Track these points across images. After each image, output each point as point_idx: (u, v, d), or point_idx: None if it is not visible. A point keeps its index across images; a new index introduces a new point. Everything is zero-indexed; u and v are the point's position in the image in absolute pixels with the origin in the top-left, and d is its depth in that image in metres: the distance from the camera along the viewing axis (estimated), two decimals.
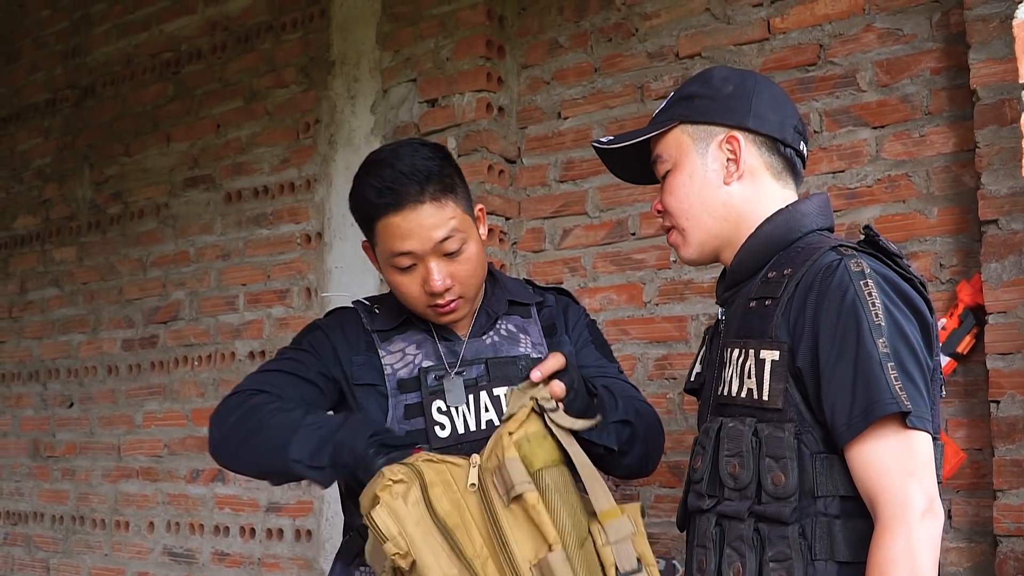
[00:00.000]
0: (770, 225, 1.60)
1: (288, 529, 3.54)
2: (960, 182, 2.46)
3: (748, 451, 1.50)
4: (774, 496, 1.47)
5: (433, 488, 1.56)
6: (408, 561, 1.51)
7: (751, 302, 1.56)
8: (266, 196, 3.74)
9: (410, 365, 1.85)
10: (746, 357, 1.54)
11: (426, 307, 1.82)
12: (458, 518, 1.55)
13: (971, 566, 2.36)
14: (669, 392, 2.85)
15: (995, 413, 2.29)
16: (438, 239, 1.76)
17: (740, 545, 1.49)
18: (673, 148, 1.67)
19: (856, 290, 1.44)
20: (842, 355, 1.43)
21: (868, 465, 1.41)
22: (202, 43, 4.03)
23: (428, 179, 1.75)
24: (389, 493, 1.55)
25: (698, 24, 2.90)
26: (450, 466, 1.60)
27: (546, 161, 3.15)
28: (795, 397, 1.48)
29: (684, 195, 1.65)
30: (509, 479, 1.55)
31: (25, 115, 4.72)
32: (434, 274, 1.77)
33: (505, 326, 1.92)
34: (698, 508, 1.59)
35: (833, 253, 1.50)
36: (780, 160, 1.64)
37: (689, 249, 1.69)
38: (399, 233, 1.75)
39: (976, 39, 2.37)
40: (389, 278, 1.83)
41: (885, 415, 1.38)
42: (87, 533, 4.20)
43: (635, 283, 2.95)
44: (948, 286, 2.45)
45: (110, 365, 4.20)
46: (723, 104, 1.64)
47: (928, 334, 1.49)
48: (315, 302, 3.55)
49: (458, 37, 3.23)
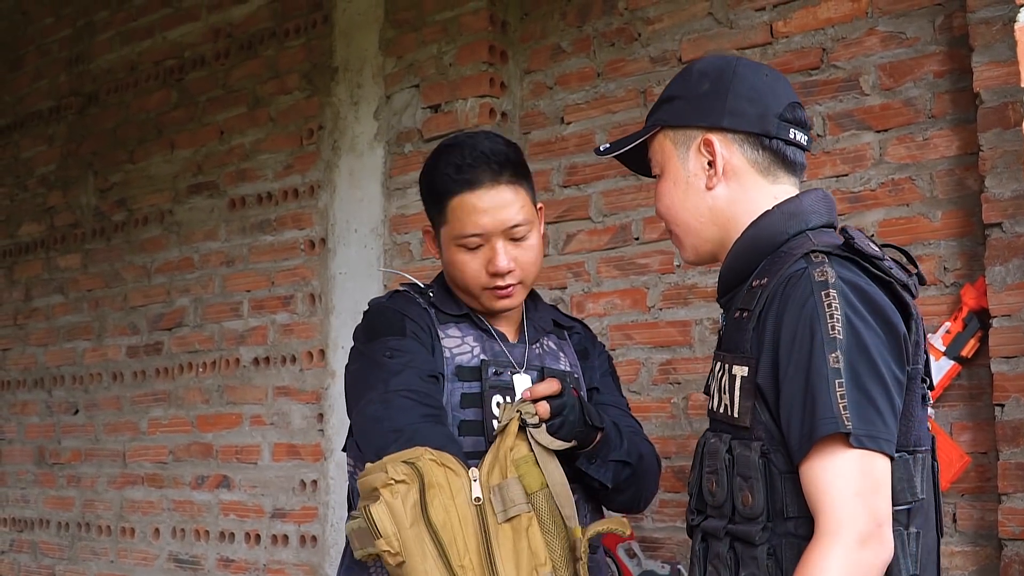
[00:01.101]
0: (755, 228, 1.53)
1: (293, 535, 3.54)
2: (964, 185, 2.46)
3: (722, 469, 1.45)
4: (744, 516, 1.42)
5: (431, 490, 1.56)
6: (397, 560, 1.52)
7: (736, 312, 1.51)
8: (270, 202, 3.75)
9: (468, 354, 1.85)
10: (723, 372, 1.49)
11: (483, 289, 1.84)
12: (450, 527, 1.56)
13: (976, 570, 2.35)
14: (673, 397, 2.85)
15: (999, 417, 2.29)
16: (510, 222, 1.81)
17: (718, 563, 1.46)
18: (659, 154, 1.63)
19: (815, 301, 1.36)
20: (796, 371, 1.36)
21: (813, 485, 1.34)
22: (205, 50, 4.04)
23: (505, 163, 1.82)
24: (390, 492, 1.55)
25: (701, 28, 2.90)
26: (448, 472, 1.60)
27: (549, 166, 3.16)
28: (762, 415, 1.41)
29: (671, 202, 1.62)
30: (509, 499, 1.58)
31: (29, 123, 4.73)
32: (500, 255, 1.81)
33: (546, 343, 1.96)
34: (689, 522, 1.57)
35: (802, 261, 1.43)
36: (766, 155, 1.55)
37: (686, 253, 1.66)
38: (474, 211, 1.80)
39: (979, 42, 2.37)
40: (452, 257, 1.85)
41: (826, 435, 1.31)
42: (93, 540, 4.20)
43: (639, 288, 2.95)
44: (952, 289, 2.45)
45: (115, 372, 4.21)
46: (697, 105, 1.57)
47: (899, 346, 1.40)
48: (319, 308, 3.55)
49: (461, 43, 3.23)
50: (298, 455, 3.54)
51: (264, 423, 3.68)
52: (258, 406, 3.70)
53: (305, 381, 3.57)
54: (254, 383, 3.73)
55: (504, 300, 1.86)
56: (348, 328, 3.16)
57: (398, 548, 1.52)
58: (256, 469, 3.68)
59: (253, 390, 3.73)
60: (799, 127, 1.57)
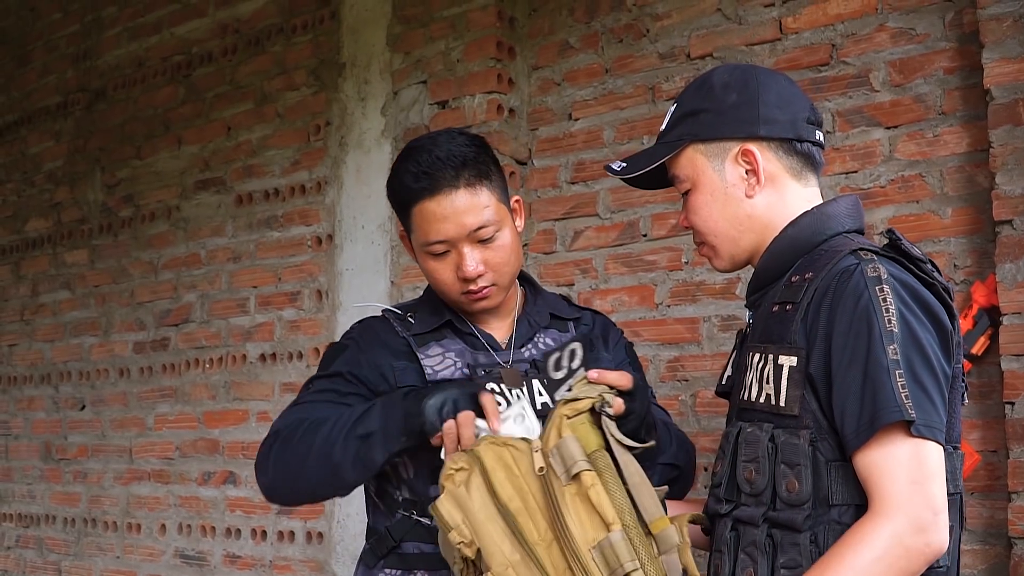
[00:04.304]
0: (794, 228, 1.58)
1: (299, 531, 3.54)
2: (974, 182, 2.45)
3: (764, 457, 1.48)
4: (788, 503, 1.45)
5: (495, 473, 1.55)
6: (473, 549, 1.52)
7: (774, 306, 1.54)
8: (277, 198, 3.75)
9: (451, 368, 1.84)
10: (766, 362, 1.52)
11: (459, 294, 1.83)
12: (520, 503, 1.54)
13: (985, 568, 2.35)
14: (681, 394, 2.84)
15: (1010, 414, 2.28)
16: (472, 226, 1.78)
17: (753, 550, 1.48)
18: (688, 168, 1.65)
19: (870, 295, 1.41)
20: (852, 361, 1.41)
21: (872, 471, 1.39)
22: (213, 46, 4.04)
23: (464, 165, 1.78)
24: (452, 482, 1.56)
25: (710, 24, 2.89)
26: (511, 449, 1.58)
27: (557, 163, 3.15)
28: (811, 404, 1.45)
29: (708, 215, 1.63)
30: (569, 456, 1.54)
31: (36, 118, 4.73)
32: (467, 259, 1.79)
33: (543, 339, 1.92)
34: (716, 512, 1.58)
35: (852, 257, 1.48)
36: (798, 159, 1.61)
37: (722, 263, 1.68)
38: (434, 218, 1.78)
39: (989, 38, 2.36)
40: (424, 265, 1.85)
41: (889, 423, 1.36)
42: (99, 536, 4.20)
43: (647, 284, 2.94)
44: (962, 287, 2.44)
45: (121, 368, 4.21)
46: (730, 117, 1.60)
47: (947, 342, 1.46)
48: (326, 304, 3.55)
49: (468, 39, 3.23)
50: None
51: (271, 419, 3.65)
52: (265, 402, 3.70)
53: None
54: (261, 379, 3.73)
55: (480, 303, 1.84)
56: None
57: (470, 536, 1.52)
58: None
59: (260, 386, 3.72)
60: (820, 127, 1.64)
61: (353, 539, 3.30)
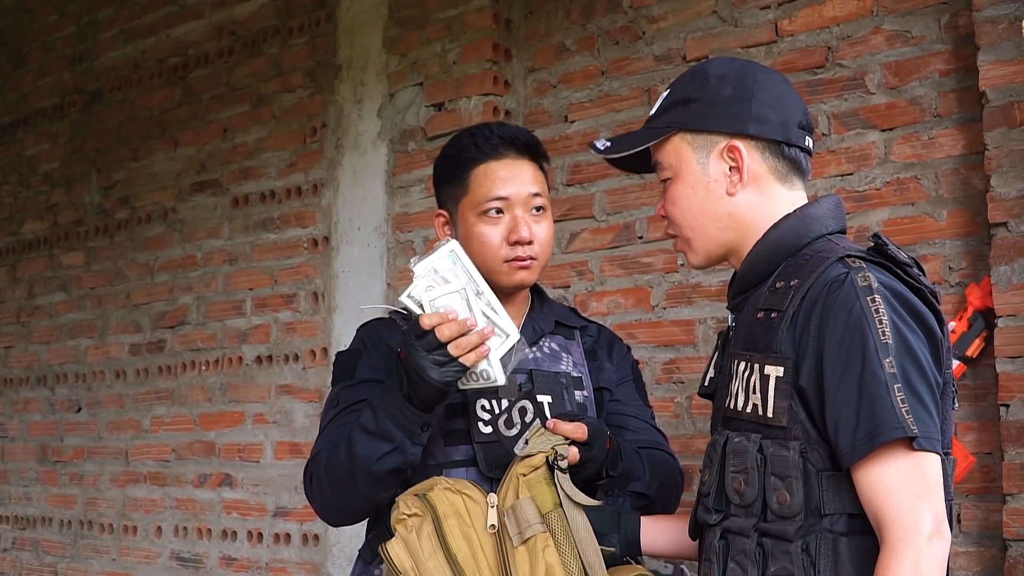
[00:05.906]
0: (777, 231, 1.54)
1: (295, 534, 3.54)
2: (969, 184, 2.45)
3: (753, 468, 1.45)
4: (779, 515, 1.43)
5: (447, 520, 1.57)
6: None
7: (759, 312, 1.51)
8: (273, 200, 3.74)
9: None
10: (751, 371, 1.49)
11: (503, 261, 1.85)
12: (470, 555, 1.56)
13: (980, 570, 2.35)
14: (677, 396, 2.84)
15: (1004, 417, 2.28)
16: (532, 191, 1.87)
17: (743, 559, 1.46)
18: (672, 156, 1.61)
19: (862, 306, 1.38)
20: (846, 374, 1.38)
21: (876, 488, 1.36)
22: (209, 48, 4.04)
23: (529, 144, 1.92)
24: (404, 527, 1.57)
25: (705, 27, 2.90)
26: (466, 499, 1.60)
27: (553, 165, 3.14)
28: (800, 414, 1.43)
29: (687, 207, 1.59)
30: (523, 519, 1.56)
31: (33, 120, 4.73)
32: (522, 223, 1.84)
33: (548, 344, 1.94)
34: (706, 522, 1.56)
35: (840, 265, 1.44)
36: (785, 163, 1.57)
37: (696, 257, 1.64)
38: (498, 177, 1.86)
39: (985, 41, 2.36)
40: (472, 230, 1.86)
41: (891, 440, 1.35)
42: (95, 538, 4.20)
43: (642, 287, 2.95)
44: (957, 289, 2.44)
45: (118, 370, 4.21)
46: (722, 110, 1.56)
47: (937, 349, 1.44)
48: (322, 306, 3.55)
49: (464, 41, 3.23)
50: (300, 453, 3.53)
51: (267, 421, 3.67)
52: (261, 404, 3.70)
53: (308, 380, 3.57)
54: (257, 381, 3.72)
55: (521, 272, 1.86)
56: (351, 327, 3.16)
57: None
58: (258, 467, 3.67)
59: (256, 388, 3.72)
60: (811, 133, 1.61)
61: (349, 541, 3.30)
